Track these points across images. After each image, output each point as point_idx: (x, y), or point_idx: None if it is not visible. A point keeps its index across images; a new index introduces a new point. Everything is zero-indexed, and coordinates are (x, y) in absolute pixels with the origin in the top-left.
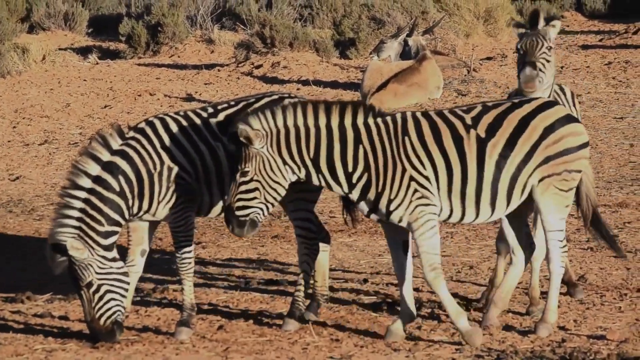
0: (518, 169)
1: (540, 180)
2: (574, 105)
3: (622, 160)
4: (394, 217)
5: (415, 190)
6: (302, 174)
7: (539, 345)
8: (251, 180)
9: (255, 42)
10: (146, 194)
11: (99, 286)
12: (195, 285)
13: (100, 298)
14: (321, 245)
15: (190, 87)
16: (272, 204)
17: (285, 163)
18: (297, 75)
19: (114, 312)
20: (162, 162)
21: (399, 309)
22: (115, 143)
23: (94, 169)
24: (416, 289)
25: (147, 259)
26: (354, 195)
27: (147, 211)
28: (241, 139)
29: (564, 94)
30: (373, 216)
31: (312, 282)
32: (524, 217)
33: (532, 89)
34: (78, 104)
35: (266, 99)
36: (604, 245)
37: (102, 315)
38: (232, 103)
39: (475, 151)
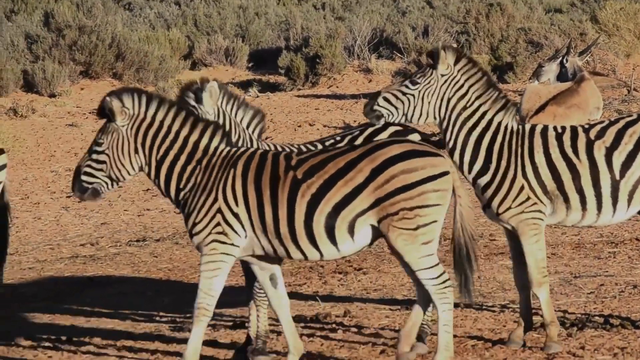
0: (335, 211)
1: (379, 222)
2: None
3: None
4: (195, 242)
5: (218, 224)
6: (146, 171)
7: None
8: (102, 152)
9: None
10: None
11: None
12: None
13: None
14: None
15: (349, 117)
16: (116, 182)
17: (136, 151)
18: None
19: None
20: None
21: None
22: None
23: None
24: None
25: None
26: (181, 208)
27: None
28: (106, 111)
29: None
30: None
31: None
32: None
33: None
34: None
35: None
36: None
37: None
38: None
39: (288, 191)
